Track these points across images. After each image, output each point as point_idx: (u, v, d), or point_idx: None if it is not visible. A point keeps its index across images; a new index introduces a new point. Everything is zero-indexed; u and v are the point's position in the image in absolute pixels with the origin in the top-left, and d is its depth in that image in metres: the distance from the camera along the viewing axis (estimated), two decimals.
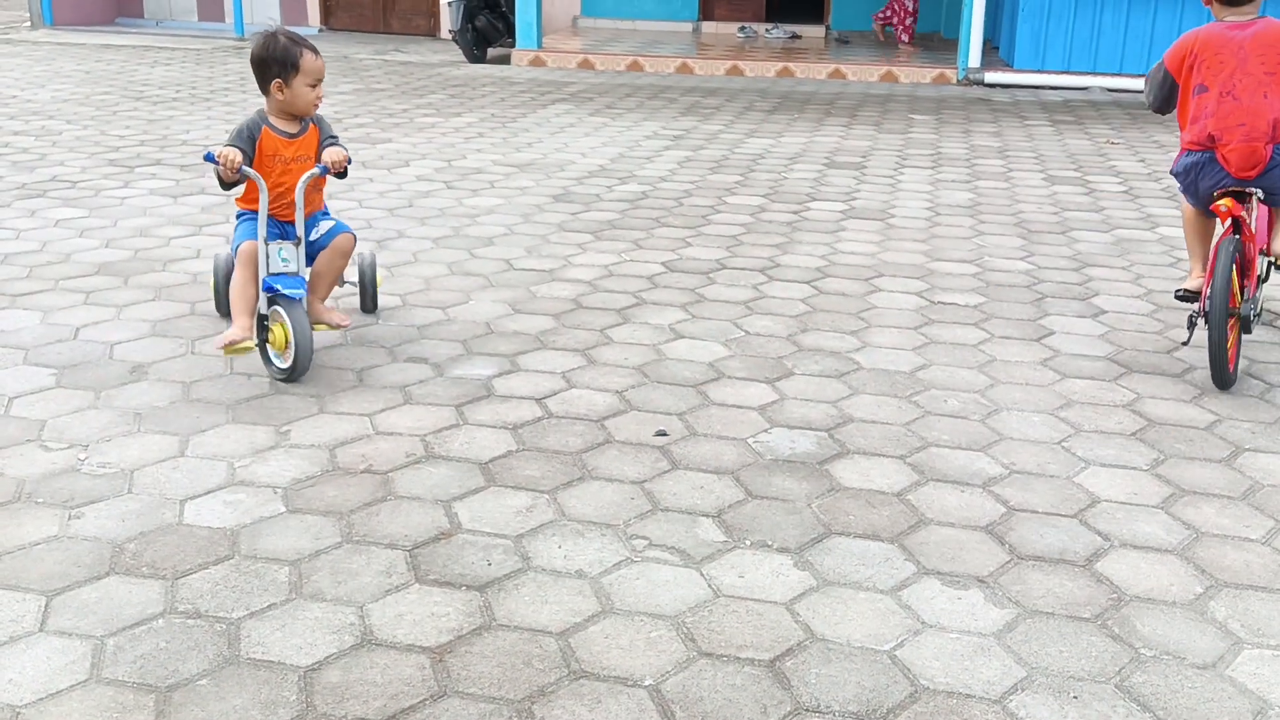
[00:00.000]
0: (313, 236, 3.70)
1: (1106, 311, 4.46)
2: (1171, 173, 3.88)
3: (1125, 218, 5.97)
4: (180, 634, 2.31)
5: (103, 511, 2.77)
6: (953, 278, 4.83)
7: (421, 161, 6.93)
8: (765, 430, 3.32)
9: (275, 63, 3.52)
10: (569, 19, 14.25)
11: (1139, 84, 10.33)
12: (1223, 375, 3.60)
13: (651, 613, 2.42)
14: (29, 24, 13.73)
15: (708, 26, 14.02)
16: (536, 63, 11.48)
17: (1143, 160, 7.46)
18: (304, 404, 3.41)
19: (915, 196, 6.35)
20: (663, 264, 4.96)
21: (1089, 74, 10.51)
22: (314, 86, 3.57)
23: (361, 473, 3.01)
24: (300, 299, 3.50)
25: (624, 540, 2.70)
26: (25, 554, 2.58)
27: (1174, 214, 6.03)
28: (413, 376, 3.65)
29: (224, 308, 4.00)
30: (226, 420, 3.30)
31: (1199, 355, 3.89)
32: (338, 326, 3.74)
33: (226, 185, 3.56)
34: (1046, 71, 10.57)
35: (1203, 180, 3.73)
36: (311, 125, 3.68)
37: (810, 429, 3.34)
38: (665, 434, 3.26)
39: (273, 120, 3.60)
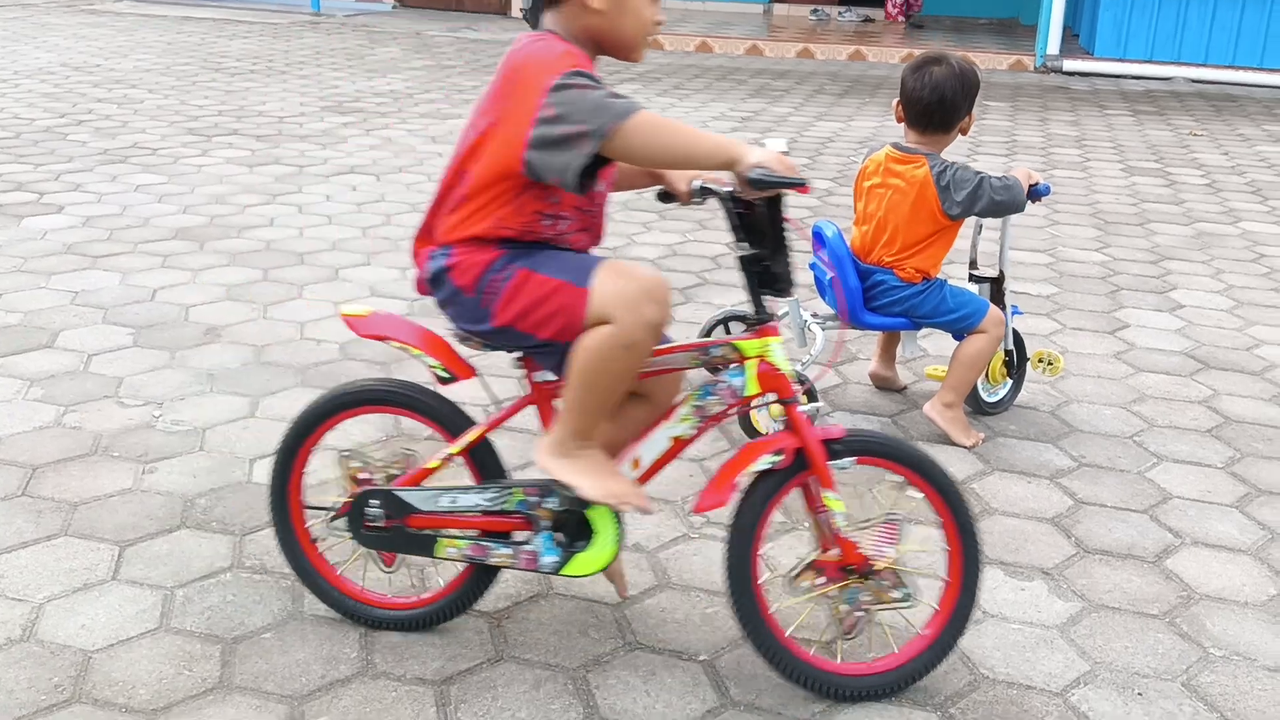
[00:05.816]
0: None
1: (1184, 306, 4.34)
2: None
3: (1207, 210, 5.80)
4: (246, 588, 2.36)
5: (175, 467, 2.84)
6: (1024, 267, 4.74)
7: None
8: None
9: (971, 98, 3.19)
10: None
11: (1225, 74, 10.04)
12: None
13: (707, 589, 2.42)
14: None
15: (779, 8, 13.87)
16: None
17: (1227, 153, 7.24)
18: (369, 371, 3.46)
19: None
20: (726, 245, 4.92)
21: (1173, 64, 10.21)
22: None
23: (425, 439, 3.04)
24: None
25: (681, 517, 2.70)
26: (100, 505, 2.65)
27: (1258, 208, 5.85)
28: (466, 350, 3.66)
29: None
30: (296, 384, 3.35)
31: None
32: None
33: None
34: (1128, 60, 10.29)
35: None
36: None
37: (874, 414, 3.30)
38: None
39: None
